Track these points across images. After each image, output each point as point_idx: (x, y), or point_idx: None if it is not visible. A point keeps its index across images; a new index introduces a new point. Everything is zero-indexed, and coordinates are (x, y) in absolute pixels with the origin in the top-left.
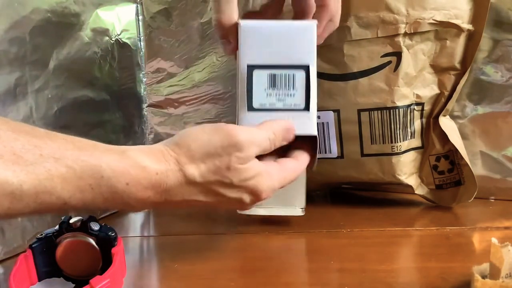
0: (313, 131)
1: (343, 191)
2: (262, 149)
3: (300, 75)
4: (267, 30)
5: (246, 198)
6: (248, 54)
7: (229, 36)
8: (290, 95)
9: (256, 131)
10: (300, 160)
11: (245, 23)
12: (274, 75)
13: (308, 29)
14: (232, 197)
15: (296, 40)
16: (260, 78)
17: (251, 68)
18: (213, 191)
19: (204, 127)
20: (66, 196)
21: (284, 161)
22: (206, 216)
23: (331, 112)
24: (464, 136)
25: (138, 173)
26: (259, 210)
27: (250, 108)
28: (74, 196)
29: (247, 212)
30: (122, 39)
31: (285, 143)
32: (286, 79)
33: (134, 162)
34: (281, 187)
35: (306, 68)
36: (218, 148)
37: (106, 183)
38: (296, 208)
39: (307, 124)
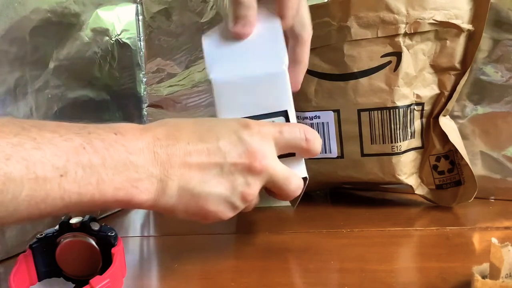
0: (303, 173)
1: (343, 191)
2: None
3: (280, 120)
4: (239, 83)
5: (245, 159)
6: (224, 110)
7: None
8: None
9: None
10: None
11: (216, 78)
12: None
13: (279, 77)
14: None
15: (269, 89)
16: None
17: None
18: (213, 149)
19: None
20: (59, 163)
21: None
22: None
23: (331, 112)
24: (464, 136)
25: (121, 124)
26: None
27: None
28: (69, 161)
29: None
30: (122, 39)
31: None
32: None
33: (114, 124)
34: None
35: (285, 113)
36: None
37: (97, 137)
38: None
39: (296, 168)
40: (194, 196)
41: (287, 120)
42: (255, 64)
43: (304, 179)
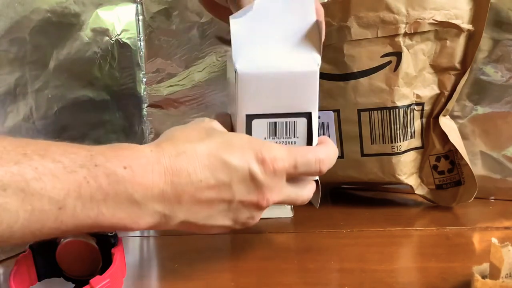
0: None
1: (343, 191)
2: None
3: (301, 122)
4: (266, 78)
5: (254, 165)
6: (246, 104)
7: None
8: (292, 142)
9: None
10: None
11: (242, 69)
12: (275, 123)
13: (310, 76)
14: (238, 165)
15: (297, 87)
16: (260, 126)
17: (250, 117)
18: (217, 162)
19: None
20: (59, 196)
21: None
22: None
23: (331, 112)
24: (464, 136)
25: (132, 154)
26: None
27: None
28: (68, 195)
29: None
30: (122, 39)
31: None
32: (286, 126)
33: (124, 145)
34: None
35: (308, 115)
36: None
37: (102, 171)
38: (286, 207)
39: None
40: (198, 226)
41: (310, 122)
42: (286, 59)
43: (315, 181)
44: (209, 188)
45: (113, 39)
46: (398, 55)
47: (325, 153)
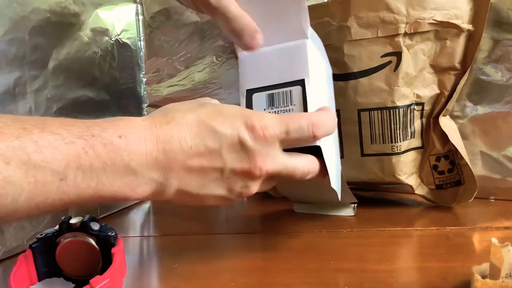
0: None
1: None
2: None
3: (297, 90)
4: (263, 55)
5: (243, 132)
6: (247, 81)
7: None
8: (289, 110)
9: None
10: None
11: (242, 53)
12: (272, 94)
13: (300, 47)
14: (226, 132)
15: (289, 59)
16: (259, 99)
17: (250, 92)
18: (205, 129)
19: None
20: (59, 168)
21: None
22: (206, 216)
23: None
24: (464, 136)
25: (126, 124)
26: (314, 209)
27: None
28: (69, 166)
29: (303, 210)
30: (122, 39)
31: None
32: (283, 96)
33: (117, 118)
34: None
35: (302, 82)
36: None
37: (100, 141)
38: (349, 206)
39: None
40: (192, 196)
41: (304, 89)
42: (278, 35)
43: (317, 148)
44: (199, 156)
45: (113, 39)
46: (398, 55)
47: (318, 117)
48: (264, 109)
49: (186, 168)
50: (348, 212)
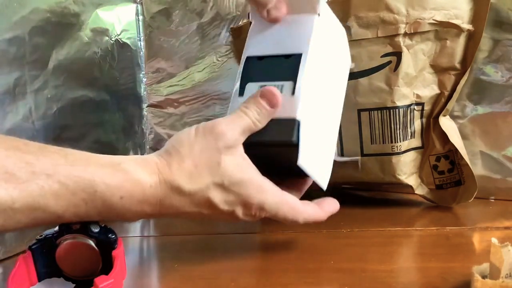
0: (293, 114)
1: (343, 191)
2: (245, 127)
3: (288, 85)
4: (272, 25)
5: (238, 210)
6: (249, 48)
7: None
8: (279, 86)
9: (231, 115)
10: (304, 204)
11: (255, 21)
12: (264, 86)
13: (306, 21)
14: (224, 208)
15: (294, 31)
16: (252, 90)
17: (247, 64)
18: (205, 201)
19: (190, 129)
20: (59, 211)
21: (286, 193)
22: None
23: None
24: (464, 136)
25: (132, 187)
26: None
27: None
28: (68, 210)
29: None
30: (122, 39)
31: (272, 109)
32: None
33: (128, 175)
34: (276, 213)
35: (298, 58)
36: (204, 144)
37: (100, 197)
38: None
39: (288, 107)
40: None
41: (297, 66)
42: (293, 7)
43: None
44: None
45: (113, 39)
46: (398, 55)
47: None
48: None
49: (181, 214)
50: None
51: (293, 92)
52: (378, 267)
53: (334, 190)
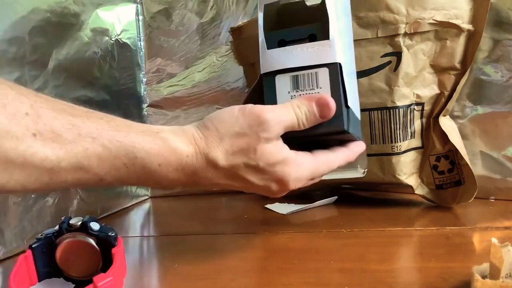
0: (334, 58)
1: (343, 191)
2: (288, 125)
3: (323, 72)
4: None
5: (273, 186)
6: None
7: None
8: (316, 93)
9: (281, 108)
10: (335, 153)
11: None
12: (296, 76)
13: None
14: (258, 183)
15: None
16: (283, 81)
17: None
18: (239, 176)
19: (233, 109)
20: (102, 173)
21: (318, 152)
22: (206, 216)
23: None
24: (464, 136)
25: (169, 155)
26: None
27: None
28: (109, 173)
29: None
30: (122, 39)
31: (320, 119)
32: (309, 78)
33: (166, 144)
34: (312, 179)
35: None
36: (246, 128)
37: (140, 163)
38: (358, 169)
39: (326, 52)
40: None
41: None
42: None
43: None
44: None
45: (113, 39)
46: (398, 55)
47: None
48: (288, 92)
49: (211, 184)
50: (358, 173)
51: (327, 36)
52: (378, 267)
53: (334, 190)
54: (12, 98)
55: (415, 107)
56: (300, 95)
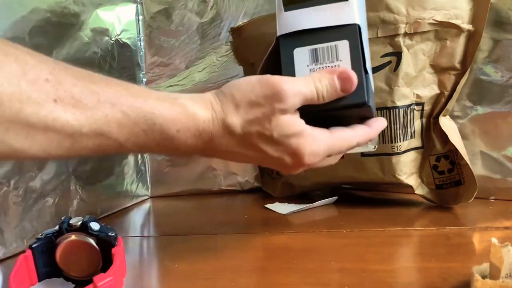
0: (353, 19)
1: (343, 191)
2: (307, 98)
3: (343, 44)
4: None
5: (287, 159)
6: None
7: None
8: (335, 66)
9: (301, 80)
10: (354, 130)
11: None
12: (316, 49)
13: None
14: (273, 154)
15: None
16: (302, 54)
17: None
18: (253, 145)
19: (251, 78)
20: (122, 139)
21: (335, 128)
22: (206, 216)
23: None
24: (464, 136)
25: (188, 121)
26: None
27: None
28: (129, 139)
29: None
30: (122, 39)
31: (341, 93)
32: (328, 51)
33: (184, 109)
34: (329, 155)
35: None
36: (261, 98)
37: (159, 129)
38: (368, 145)
39: (345, 13)
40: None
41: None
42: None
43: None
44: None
45: (113, 39)
46: (398, 55)
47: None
48: (307, 65)
49: (229, 154)
50: (369, 148)
51: None
52: (378, 267)
53: (334, 190)
54: (32, 65)
55: (415, 107)
56: (319, 68)
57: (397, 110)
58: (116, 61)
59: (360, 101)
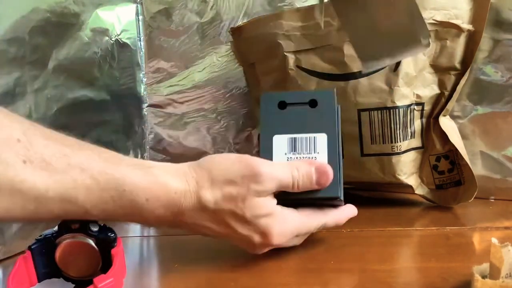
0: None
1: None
2: (282, 185)
3: (321, 137)
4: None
5: (256, 238)
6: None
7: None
8: (312, 158)
9: (279, 166)
10: (324, 212)
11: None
12: (295, 139)
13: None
14: (242, 233)
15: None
16: (280, 142)
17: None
18: (224, 222)
19: (229, 155)
20: (88, 205)
21: (305, 209)
22: None
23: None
24: (464, 136)
25: (158, 190)
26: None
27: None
28: (96, 206)
29: None
30: (122, 39)
31: (316, 186)
32: (307, 142)
33: (156, 179)
34: (297, 235)
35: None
36: (238, 177)
37: (128, 196)
38: None
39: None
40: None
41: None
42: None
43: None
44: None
45: (113, 39)
46: None
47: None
48: (285, 154)
49: (198, 228)
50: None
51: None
52: (378, 267)
53: None
54: (5, 124)
55: (415, 107)
56: (296, 158)
57: (397, 110)
58: (116, 61)
59: (333, 196)
